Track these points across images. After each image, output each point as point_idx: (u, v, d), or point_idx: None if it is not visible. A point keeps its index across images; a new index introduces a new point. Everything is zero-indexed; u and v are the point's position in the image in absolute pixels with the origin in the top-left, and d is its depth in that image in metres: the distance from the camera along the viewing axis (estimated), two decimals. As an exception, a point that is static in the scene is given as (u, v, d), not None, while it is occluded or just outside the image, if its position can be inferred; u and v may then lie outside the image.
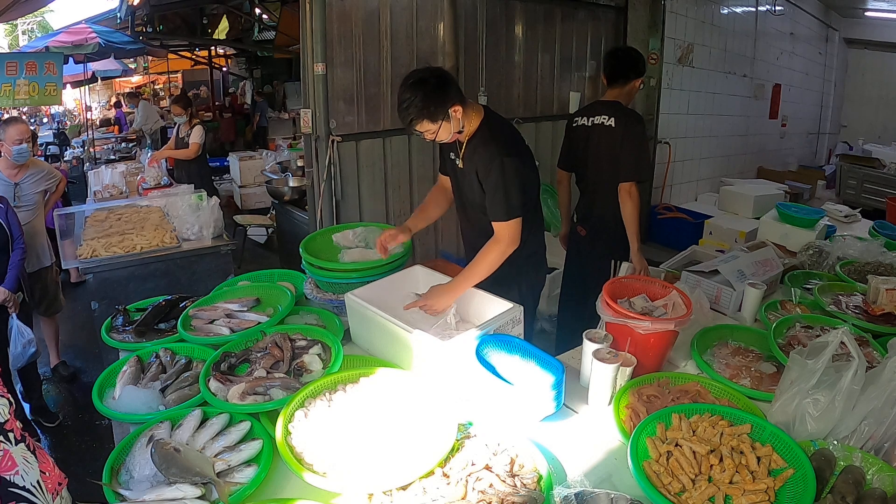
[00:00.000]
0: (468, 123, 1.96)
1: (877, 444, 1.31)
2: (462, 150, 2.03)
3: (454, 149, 2.07)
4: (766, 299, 2.12)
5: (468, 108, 1.94)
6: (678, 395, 1.52)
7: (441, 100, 1.82)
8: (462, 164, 2.05)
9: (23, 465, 1.15)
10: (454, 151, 2.08)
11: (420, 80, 1.83)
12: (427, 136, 1.89)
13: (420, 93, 1.81)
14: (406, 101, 1.82)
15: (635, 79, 2.74)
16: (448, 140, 1.93)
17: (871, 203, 5.45)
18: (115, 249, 3.05)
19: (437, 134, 1.87)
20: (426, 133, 1.87)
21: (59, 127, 11.58)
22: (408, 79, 1.85)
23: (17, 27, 18.43)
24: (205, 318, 1.97)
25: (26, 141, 3.21)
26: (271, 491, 1.30)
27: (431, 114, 1.82)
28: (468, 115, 1.94)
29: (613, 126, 2.68)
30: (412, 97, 1.81)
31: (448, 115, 1.84)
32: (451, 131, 1.89)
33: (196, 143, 5.06)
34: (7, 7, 5.08)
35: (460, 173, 2.09)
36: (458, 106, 1.86)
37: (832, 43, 8.69)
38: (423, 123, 1.84)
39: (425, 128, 1.85)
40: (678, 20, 5.26)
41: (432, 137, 1.89)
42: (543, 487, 1.21)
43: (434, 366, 1.60)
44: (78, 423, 3.28)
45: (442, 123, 1.85)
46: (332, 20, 3.38)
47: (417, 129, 1.86)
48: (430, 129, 1.86)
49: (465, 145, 2.01)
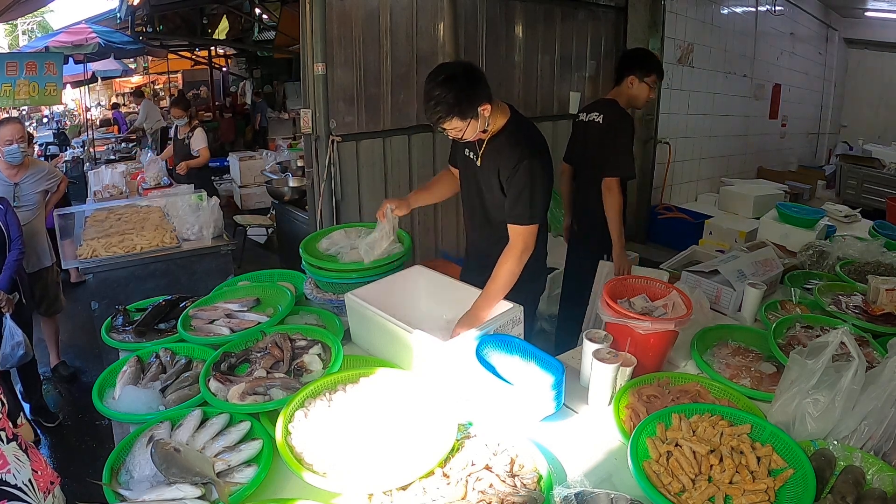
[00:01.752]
0: (493, 122, 1.90)
1: (877, 444, 1.31)
2: (482, 148, 1.96)
3: (472, 146, 1.99)
4: (766, 299, 2.12)
5: (495, 106, 1.87)
6: (678, 395, 1.52)
7: (472, 98, 1.76)
8: (481, 161, 1.98)
9: (14, 463, 1.16)
10: (471, 148, 2.01)
11: (451, 76, 1.75)
12: (452, 133, 1.82)
13: (451, 90, 1.73)
14: (435, 99, 1.74)
15: (629, 76, 2.74)
16: (473, 138, 1.86)
17: (871, 203, 5.44)
18: (115, 249, 3.05)
19: (463, 132, 1.81)
20: (452, 130, 1.81)
21: (59, 127, 11.58)
22: (436, 74, 1.77)
23: (17, 27, 18.43)
24: (205, 318, 1.97)
25: (19, 141, 3.15)
26: (271, 491, 1.29)
27: (462, 112, 1.75)
28: (494, 113, 1.88)
29: (601, 123, 2.72)
30: (443, 94, 1.73)
31: (477, 114, 1.78)
32: (476, 130, 1.83)
33: (205, 149, 5.16)
34: (7, 7, 5.08)
35: (478, 171, 2.01)
36: (488, 104, 1.80)
37: (832, 43, 8.69)
38: (452, 121, 1.77)
39: (453, 125, 1.78)
40: (678, 20, 5.26)
41: (458, 135, 1.82)
42: (543, 487, 1.21)
43: (434, 366, 1.60)
44: (78, 423, 3.28)
45: (470, 122, 1.78)
46: (332, 20, 3.38)
47: (444, 126, 1.79)
48: (458, 128, 1.79)
49: (487, 143, 1.94)
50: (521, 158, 1.85)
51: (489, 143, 1.95)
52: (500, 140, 1.93)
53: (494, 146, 1.94)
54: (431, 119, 1.79)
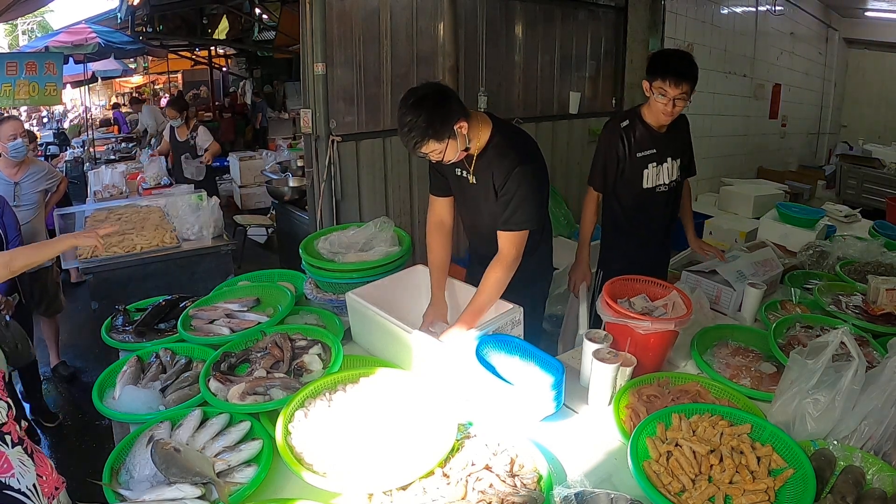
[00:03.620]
0: (476, 137, 1.86)
1: (877, 444, 1.31)
2: (472, 165, 1.92)
3: (462, 165, 1.96)
4: (766, 299, 2.12)
5: (473, 121, 1.83)
6: (678, 395, 1.52)
7: (445, 118, 1.72)
8: (474, 178, 1.95)
9: (19, 467, 1.15)
10: (462, 167, 1.97)
11: (420, 98, 1.72)
12: (433, 156, 1.79)
13: (422, 113, 1.70)
14: (408, 125, 1.71)
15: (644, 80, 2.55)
16: (455, 159, 1.83)
17: (871, 203, 5.45)
18: (114, 249, 3.05)
19: (444, 154, 1.78)
20: (432, 154, 1.77)
21: (59, 127, 11.58)
22: (406, 99, 1.75)
23: (17, 27, 18.43)
24: (205, 318, 1.97)
25: (21, 136, 3.19)
26: (271, 491, 1.30)
27: (437, 133, 1.72)
28: (475, 128, 1.84)
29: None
30: (414, 119, 1.70)
31: (454, 133, 1.74)
32: (457, 149, 1.79)
33: (214, 143, 5.17)
34: (7, 7, 5.08)
35: (473, 189, 1.98)
36: (464, 122, 1.76)
37: (832, 43, 8.68)
38: (429, 144, 1.73)
39: (431, 148, 1.75)
40: (678, 20, 5.26)
41: (439, 158, 1.79)
42: (543, 487, 1.21)
43: (434, 366, 1.60)
44: (78, 423, 3.27)
45: (448, 142, 1.75)
46: (332, 20, 3.38)
47: (423, 151, 1.76)
48: (437, 150, 1.76)
49: (476, 160, 1.91)
50: (512, 167, 1.83)
51: (479, 159, 1.91)
52: (489, 154, 1.89)
53: (485, 161, 1.91)
54: (408, 145, 1.76)
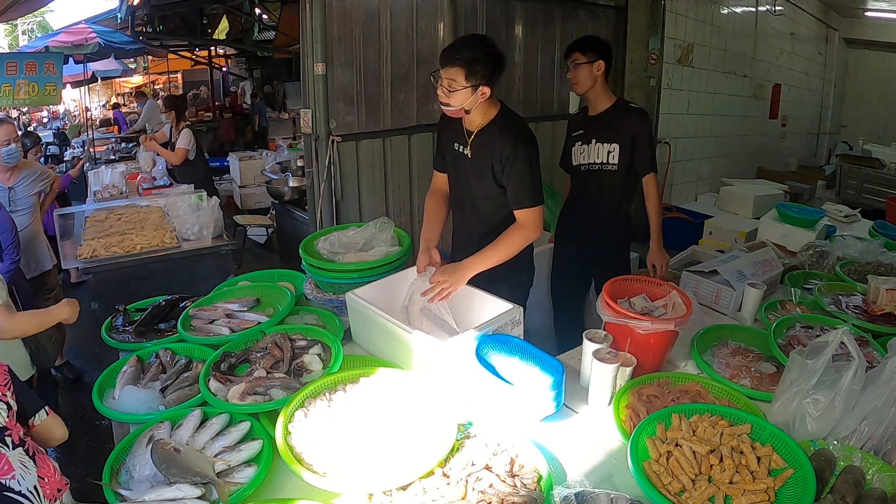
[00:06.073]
0: (482, 113, 1.93)
1: (877, 444, 1.31)
2: (471, 139, 1.98)
3: (460, 138, 2.02)
4: (766, 299, 2.12)
5: (491, 98, 1.90)
6: (678, 395, 1.52)
7: (488, 69, 1.79)
8: (471, 152, 2.00)
9: (20, 469, 1.15)
10: (460, 142, 2.02)
11: (490, 43, 1.81)
12: (444, 86, 1.82)
13: (480, 49, 1.78)
14: (463, 42, 1.80)
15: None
16: (453, 110, 1.87)
17: (871, 203, 5.44)
18: (114, 249, 3.05)
19: (453, 93, 1.81)
20: (446, 81, 1.81)
21: (59, 127, 11.58)
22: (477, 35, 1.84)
23: (17, 27, 18.44)
24: (205, 318, 1.97)
25: (14, 141, 3.17)
26: (271, 491, 1.30)
27: (471, 69, 1.77)
28: (486, 103, 1.91)
29: None
30: (474, 43, 1.79)
31: (478, 86, 1.80)
32: (462, 103, 1.84)
33: (182, 149, 4.87)
34: (7, 7, 5.08)
35: (467, 163, 2.03)
36: (489, 89, 1.83)
37: (832, 43, 8.69)
38: (457, 73, 1.78)
39: (453, 77, 1.79)
40: (678, 20, 5.26)
41: (445, 93, 1.83)
42: (543, 487, 1.21)
43: (434, 366, 1.60)
44: (78, 423, 3.27)
45: (467, 88, 1.80)
46: (332, 20, 3.38)
47: (448, 71, 1.79)
48: (455, 84, 1.80)
49: (476, 135, 1.97)
50: (516, 145, 1.89)
51: (479, 134, 1.96)
52: (491, 130, 1.95)
53: (485, 136, 1.96)
54: (444, 55, 1.82)
